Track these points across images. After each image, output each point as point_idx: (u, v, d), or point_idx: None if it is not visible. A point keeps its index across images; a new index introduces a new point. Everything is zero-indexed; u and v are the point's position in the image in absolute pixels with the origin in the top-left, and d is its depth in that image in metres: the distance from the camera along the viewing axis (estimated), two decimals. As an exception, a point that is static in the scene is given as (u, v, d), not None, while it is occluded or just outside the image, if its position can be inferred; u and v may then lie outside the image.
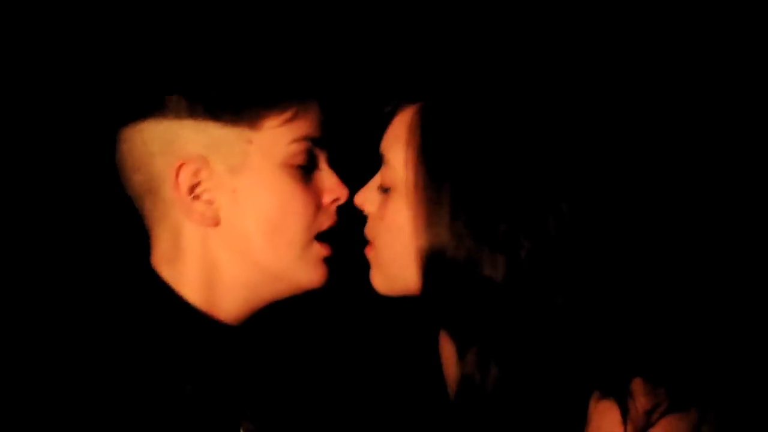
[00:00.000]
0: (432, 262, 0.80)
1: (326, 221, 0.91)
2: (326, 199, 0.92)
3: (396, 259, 0.86)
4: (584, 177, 0.80)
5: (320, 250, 0.90)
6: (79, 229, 1.11)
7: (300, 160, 0.88)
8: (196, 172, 0.84)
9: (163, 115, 0.84)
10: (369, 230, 0.91)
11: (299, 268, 0.89)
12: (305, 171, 0.90)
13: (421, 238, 0.81)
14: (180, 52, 0.90)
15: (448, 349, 0.97)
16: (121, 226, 0.95)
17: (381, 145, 0.89)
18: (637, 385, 0.75)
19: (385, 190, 0.88)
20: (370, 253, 0.91)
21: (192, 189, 0.84)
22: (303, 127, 0.88)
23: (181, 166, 0.83)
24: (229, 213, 0.86)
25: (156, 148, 0.84)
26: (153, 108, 0.84)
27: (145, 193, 0.87)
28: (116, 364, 0.79)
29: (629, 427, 0.72)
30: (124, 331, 0.82)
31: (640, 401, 0.73)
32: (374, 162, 0.93)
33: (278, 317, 0.96)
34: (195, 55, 0.88)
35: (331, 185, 0.92)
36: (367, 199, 0.91)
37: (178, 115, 0.84)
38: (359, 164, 0.94)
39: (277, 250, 0.87)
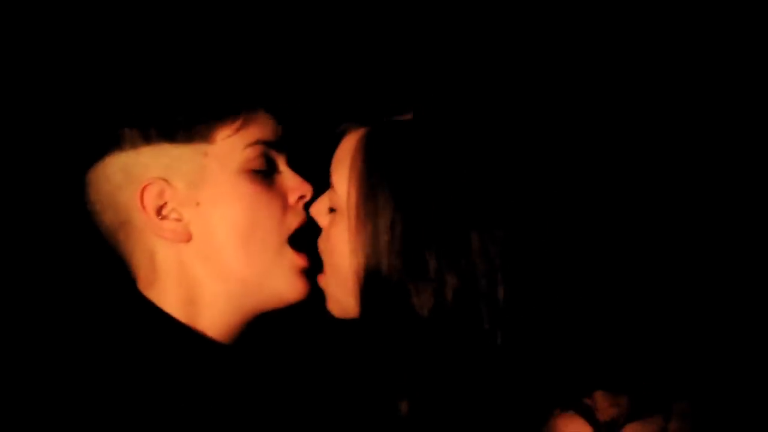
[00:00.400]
0: (365, 287, 0.81)
1: (295, 220, 0.93)
2: (291, 198, 0.94)
3: (340, 284, 0.87)
4: (516, 222, 0.80)
5: (296, 259, 0.92)
6: (69, 263, 1.15)
7: (257, 164, 0.91)
8: (159, 194, 0.87)
9: (120, 149, 0.88)
10: (320, 245, 0.92)
11: (277, 276, 0.91)
12: (265, 175, 0.92)
13: (357, 257, 0.82)
14: (123, 85, 0.93)
15: None
16: (107, 260, 0.99)
17: (330, 167, 0.90)
18: (599, 396, 0.75)
19: (332, 210, 0.89)
20: (321, 281, 0.92)
21: (159, 210, 0.87)
22: (255, 132, 0.91)
23: (143, 190, 0.86)
24: (198, 226, 0.88)
25: (119, 181, 0.88)
26: (110, 145, 0.88)
27: (118, 227, 0.90)
28: (108, 387, 0.80)
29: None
30: (114, 353, 0.84)
31: (603, 411, 0.74)
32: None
33: (269, 334, 0.97)
34: (138, 85, 0.92)
35: (293, 184, 0.95)
36: (319, 212, 0.92)
37: (134, 145, 0.87)
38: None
39: (251, 257, 0.89)
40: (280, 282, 0.91)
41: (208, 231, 0.89)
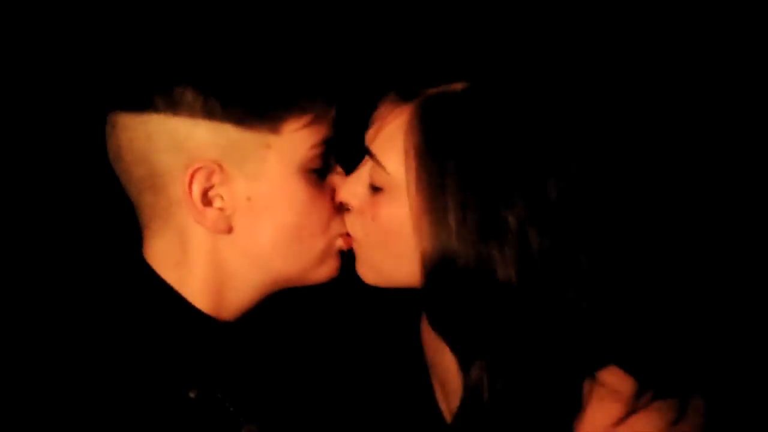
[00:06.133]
0: (438, 268, 0.78)
1: (344, 224, 0.89)
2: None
3: (389, 260, 0.84)
4: (590, 169, 0.79)
5: (339, 245, 0.89)
6: (65, 224, 1.01)
7: (317, 164, 0.85)
8: (208, 176, 0.79)
9: (173, 110, 0.77)
10: (352, 225, 0.88)
11: (318, 269, 0.88)
12: (319, 174, 0.86)
13: (426, 243, 0.78)
14: (198, 45, 0.82)
15: (435, 346, 0.97)
16: (109, 218, 0.88)
17: (370, 144, 0.85)
18: (620, 374, 0.76)
19: (375, 189, 0.85)
20: (354, 246, 0.89)
21: (204, 194, 0.79)
22: (322, 130, 0.84)
23: (195, 172, 0.78)
24: (244, 221, 0.82)
25: (164, 145, 0.78)
26: (163, 100, 0.78)
27: (146, 188, 0.81)
28: (121, 371, 0.75)
29: (612, 415, 0.73)
30: (128, 338, 0.78)
31: (624, 390, 0.75)
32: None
33: (276, 311, 0.93)
34: (213, 50, 0.81)
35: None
36: (355, 194, 0.87)
37: (191, 112, 0.77)
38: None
39: (295, 257, 0.85)
40: (320, 272, 0.88)
41: (254, 228, 0.82)
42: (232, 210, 0.81)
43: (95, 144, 0.84)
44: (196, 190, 0.79)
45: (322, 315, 1.13)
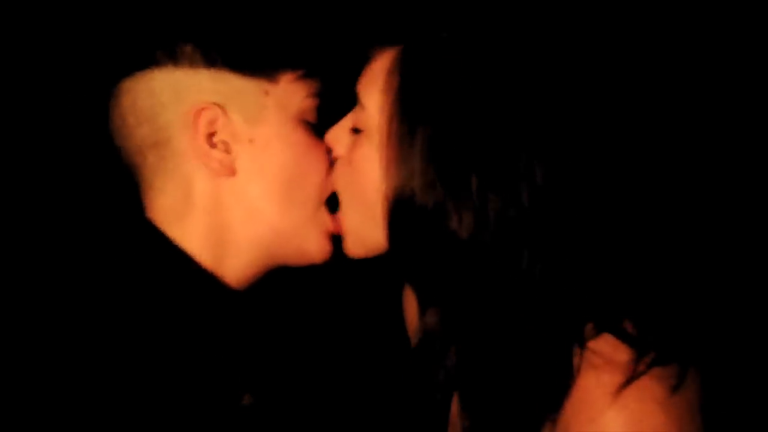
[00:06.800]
0: (398, 208, 0.77)
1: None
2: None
3: (364, 213, 0.83)
4: (562, 144, 0.76)
5: (327, 222, 0.89)
6: (66, 185, 1.02)
7: (312, 117, 0.88)
8: (212, 120, 0.82)
9: (175, 65, 0.81)
10: (336, 178, 0.88)
11: (308, 234, 0.88)
12: (316, 129, 0.89)
13: (389, 181, 0.78)
14: (197, 3, 0.86)
15: (412, 307, 0.96)
16: (110, 181, 0.89)
17: (357, 87, 0.86)
18: (614, 343, 0.73)
19: (356, 131, 0.86)
20: (339, 220, 0.88)
21: (209, 137, 0.82)
22: (315, 84, 0.88)
23: (200, 113, 0.81)
24: (246, 163, 0.84)
25: (167, 98, 0.82)
26: (164, 55, 0.81)
27: (149, 147, 0.83)
28: (120, 331, 0.75)
29: (608, 385, 0.70)
30: (128, 296, 0.78)
31: (623, 356, 0.72)
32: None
33: (282, 286, 0.94)
34: (211, 7, 0.85)
35: None
36: (338, 138, 0.89)
37: (192, 64, 0.81)
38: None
39: (289, 208, 0.86)
40: (311, 240, 0.89)
41: (255, 170, 0.85)
42: (236, 152, 0.84)
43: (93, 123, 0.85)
44: (201, 131, 0.82)
45: (322, 302, 1.13)
